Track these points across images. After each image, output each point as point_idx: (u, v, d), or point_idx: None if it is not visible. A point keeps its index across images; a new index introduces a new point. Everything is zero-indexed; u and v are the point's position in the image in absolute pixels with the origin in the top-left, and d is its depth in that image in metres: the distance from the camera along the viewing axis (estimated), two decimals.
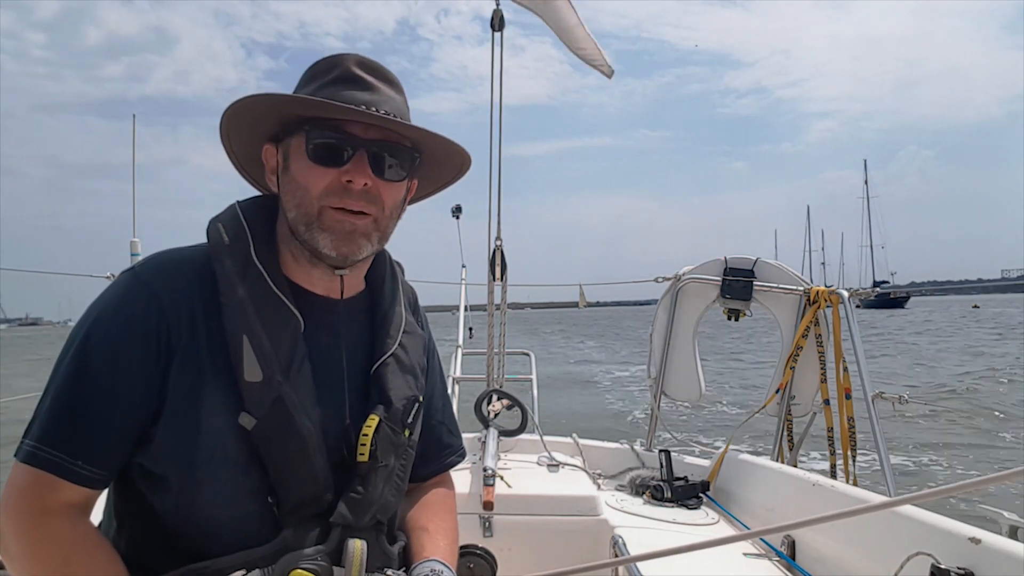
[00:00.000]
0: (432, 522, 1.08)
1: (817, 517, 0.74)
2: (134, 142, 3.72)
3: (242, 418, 0.85)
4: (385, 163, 0.91)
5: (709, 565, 1.68)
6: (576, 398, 11.88)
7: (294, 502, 0.88)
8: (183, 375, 0.85)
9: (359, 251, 0.92)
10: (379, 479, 0.94)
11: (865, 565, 1.55)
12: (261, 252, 0.92)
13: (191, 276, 0.89)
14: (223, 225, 0.93)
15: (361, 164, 0.89)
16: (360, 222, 0.90)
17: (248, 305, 0.88)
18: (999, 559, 1.21)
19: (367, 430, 0.94)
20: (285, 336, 0.90)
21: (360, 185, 0.89)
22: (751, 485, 2.29)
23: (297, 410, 0.88)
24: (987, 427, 8.57)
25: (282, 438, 0.87)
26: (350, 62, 0.93)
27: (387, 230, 0.96)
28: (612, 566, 1.83)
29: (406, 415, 0.99)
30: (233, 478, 0.86)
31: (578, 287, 3.73)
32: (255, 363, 0.86)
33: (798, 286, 2.71)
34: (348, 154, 0.89)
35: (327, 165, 0.89)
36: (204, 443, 0.85)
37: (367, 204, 0.90)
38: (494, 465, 2.10)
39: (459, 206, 4.36)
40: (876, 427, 2.33)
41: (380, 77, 0.94)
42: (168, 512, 0.87)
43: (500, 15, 2.85)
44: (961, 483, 0.64)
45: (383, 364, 1.00)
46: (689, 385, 2.92)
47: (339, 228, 0.89)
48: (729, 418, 9.15)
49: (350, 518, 0.90)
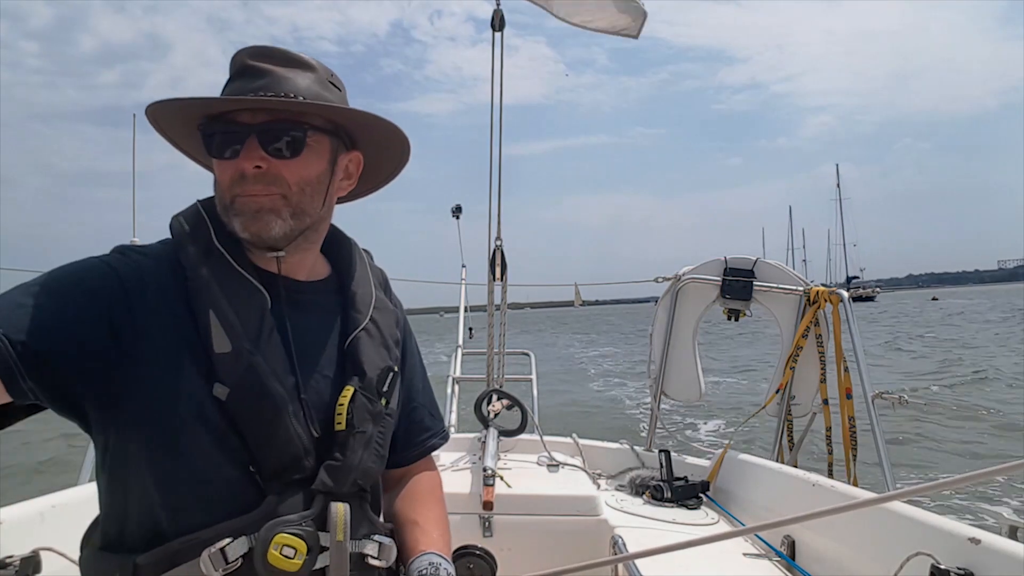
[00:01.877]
0: (421, 514, 1.09)
1: (814, 512, 0.74)
2: (134, 142, 3.72)
3: (216, 389, 0.87)
4: (276, 142, 0.92)
5: (709, 565, 1.68)
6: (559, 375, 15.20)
7: (274, 468, 0.90)
8: (151, 349, 0.86)
9: (268, 228, 0.93)
10: (358, 445, 0.96)
11: (865, 565, 1.55)
12: (222, 238, 0.95)
13: (154, 263, 0.91)
14: (183, 218, 0.97)
15: (251, 149, 0.91)
16: (264, 199, 0.92)
17: (212, 283, 0.90)
18: (999, 559, 1.21)
19: (343, 399, 0.96)
20: (252, 309, 0.92)
21: (251, 169, 0.91)
22: (751, 485, 2.29)
23: (268, 377, 0.89)
24: (986, 426, 8.57)
25: (256, 404, 0.89)
26: (244, 55, 0.95)
27: (302, 205, 0.96)
28: (612, 563, 1.83)
29: (381, 384, 1.01)
30: (212, 449, 0.88)
31: (574, 286, 3.73)
32: (223, 335, 0.88)
33: (798, 286, 2.72)
34: (240, 142, 0.91)
35: (225, 158, 0.92)
36: (180, 415, 0.86)
37: (266, 187, 0.92)
38: (494, 465, 2.10)
39: (459, 206, 4.37)
40: (876, 427, 2.33)
41: (276, 61, 0.95)
42: (150, 488, 0.87)
43: (500, 15, 2.85)
44: (957, 477, 0.64)
45: (355, 338, 1.02)
46: (689, 385, 2.92)
47: (245, 209, 0.92)
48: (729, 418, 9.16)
49: (331, 484, 0.92)
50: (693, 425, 8.64)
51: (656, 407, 2.96)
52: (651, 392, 3.00)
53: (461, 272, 4.71)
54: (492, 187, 2.95)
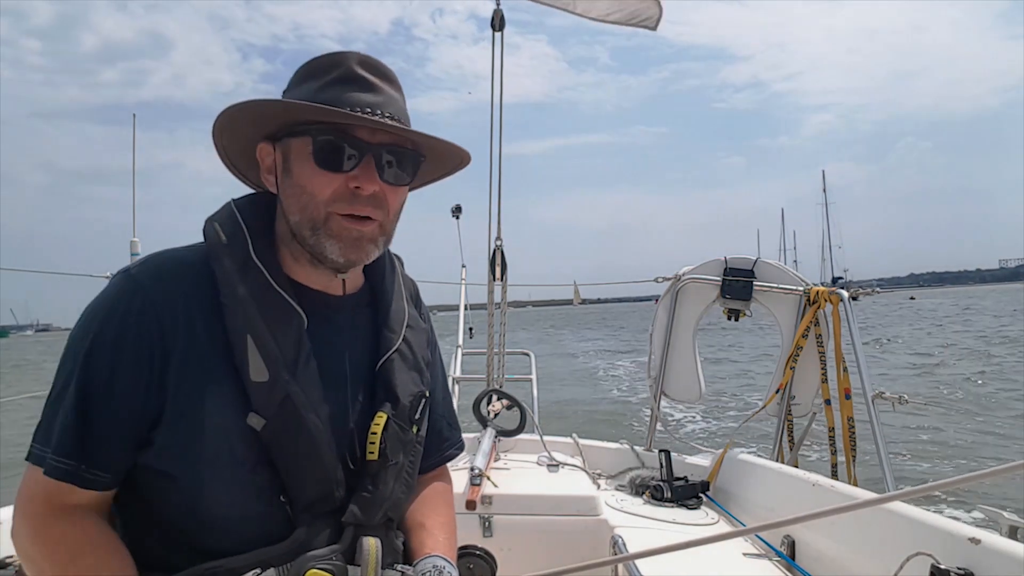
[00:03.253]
0: (429, 518, 1.08)
1: (814, 512, 0.74)
2: (134, 142, 3.72)
3: (251, 419, 0.84)
4: (392, 167, 0.90)
5: (709, 565, 1.68)
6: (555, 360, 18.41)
7: (307, 501, 0.88)
8: (184, 378, 0.84)
9: (366, 257, 0.92)
10: (389, 477, 0.94)
11: (865, 565, 1.54)
12: (260, 250, 0.91)
13: (189, 278, 0.88)
14: (219, 224, 0.92)
15: (369, 170, 0.87)
16: (367, 228, 0.89)
17: (250, 304, 0.86)
18: (999, 559, 1.21)
19: (376, 428, 0.93)
20: (289, 334, 0.88)
21: (369, 191, 0.87)
22: (751, 485, 2.29)
23: (306, 408, 0.87)
24: (986, 425, 8.57)
25: (292, 437, 0.86)
26: (352, 61, 0.91)
27: (391, 233, 0.96)
28: (612, 564, 1.83)
29: (413, 411, 0.99)
30: (241, 478, 0.86)
31: (573, 285, 3.73)
32: (260, 362, 0.85)
33: (798, 286, 2.71)
34: (355, 159, 0.87)
35: (334, 170, 0.87)
36: (209, 444, 0.84)
37: (374, 210, 0.89)
38: (483, 465, 2.10)
39: (459, 206, 4.37)
40: (876, 427, 2.33)
41: (382, 77, 0.92)
42: (174, 512, 0.86)
43: (500, 15, 2.85)
44: (956, 478, 0.64)
45: (388, 360, 0.99)
46: (689, 385, 2.92)
47: (347, 235, 0.88)
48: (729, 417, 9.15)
49: (362, 517, 0.90)
50: (693, 424, 8.64)
51: (656, 407, 2.95)
52: (651, 392, 3.00)
53: (461, 272, 4.70)
54: (492, 187, 2.95)
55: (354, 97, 0.88)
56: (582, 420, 9.04)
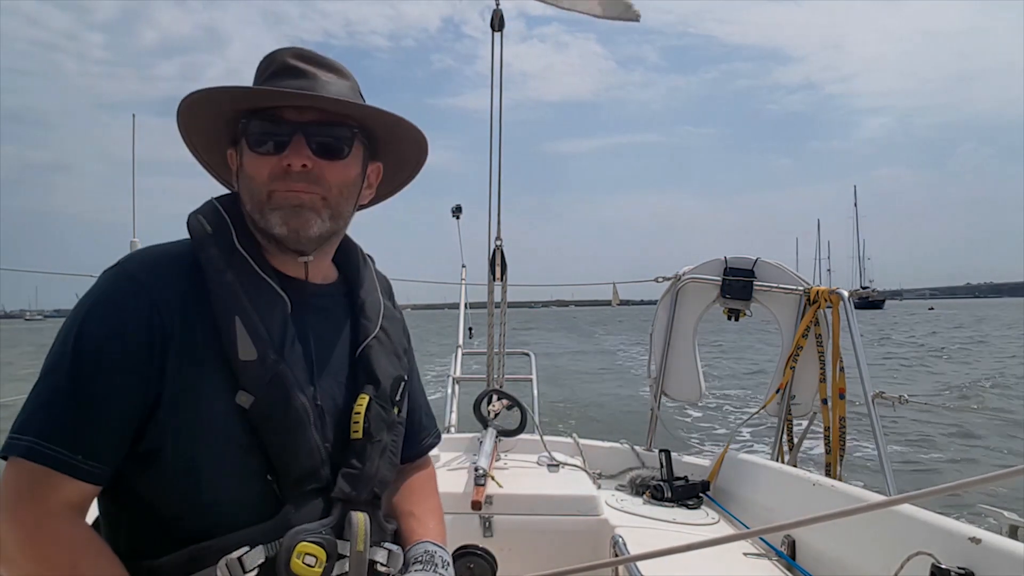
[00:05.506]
0: (418, 506, 1.10)
1: (817, 516, 0.74)
2: (134, 142, 3.72)
3: (239, 396, 0.86)
4: (323, 143, 0.93)
5: (709, 565, 1.68)
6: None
7: (294, 478, 0.89)
8: (181, 364, 0.86)
9: (308, 225, 0.93)
10: (374, 453, 0.96)
11: (865, 565, 1.54)
12: (243, 240, 0.94)
13: (176, 267, 0.90)
14: (203, 217, 0.95)
15: (298, 146, 0.91)
16: (306, 196, 0.92)
17: (237, 287, 0.89)
18: (999, 559, 1.21)
19: (359, 408, 0.96)
20: (275, 316, 0.91)
21: (298, 166, 0.90)
22: (751, 485, 2.29)
23: (293, 387, 0.89)
24: (988, 425, 8.57)
25: (280, 415, 0.88)
26: (285, 55, 0.95)
27: (339, 208, 0.97)
28: (612, 565, 1.83)
29: (394, 393, 1.02)
30: (235, 459, 0.87)
31: (612, 285, 3.72)
32: (248, 342, 0.87)
33: (798, 286, 2.71)
34: (285, 139, 0.91)
35: (267, 153, 0.92)
36: (205, 427, 0.85)
37: (309, 185, 0.92)
38: (486, 465, 2.10)
39: (459, 206, 4.37)
40: (876, 427, 2.33)
41: (317, 64, 0.96)
42: (167, 498, 0.87)
43: (500, 15, 2.85)
44: (961, 481, 0.64)
45: (367, 346, 1.02)
46: (689, 385, 2.92)
47: (286, 203, 0.91)
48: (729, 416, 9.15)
49: (351, 492, 0.92)
50: (693, 425, 8.64)
51: (656, 407, 2.96)
52: (651, 392, 3.00)
53: (461, 272, 4.71)
54: (492, 187, 2.95)
55: (283, 84, 0.92)
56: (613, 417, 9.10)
